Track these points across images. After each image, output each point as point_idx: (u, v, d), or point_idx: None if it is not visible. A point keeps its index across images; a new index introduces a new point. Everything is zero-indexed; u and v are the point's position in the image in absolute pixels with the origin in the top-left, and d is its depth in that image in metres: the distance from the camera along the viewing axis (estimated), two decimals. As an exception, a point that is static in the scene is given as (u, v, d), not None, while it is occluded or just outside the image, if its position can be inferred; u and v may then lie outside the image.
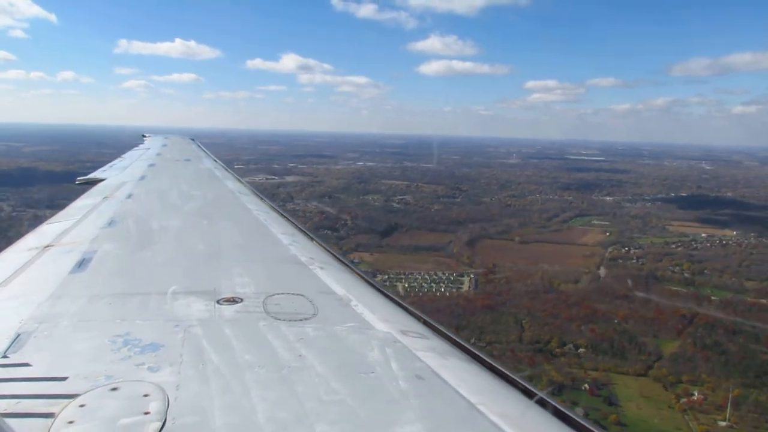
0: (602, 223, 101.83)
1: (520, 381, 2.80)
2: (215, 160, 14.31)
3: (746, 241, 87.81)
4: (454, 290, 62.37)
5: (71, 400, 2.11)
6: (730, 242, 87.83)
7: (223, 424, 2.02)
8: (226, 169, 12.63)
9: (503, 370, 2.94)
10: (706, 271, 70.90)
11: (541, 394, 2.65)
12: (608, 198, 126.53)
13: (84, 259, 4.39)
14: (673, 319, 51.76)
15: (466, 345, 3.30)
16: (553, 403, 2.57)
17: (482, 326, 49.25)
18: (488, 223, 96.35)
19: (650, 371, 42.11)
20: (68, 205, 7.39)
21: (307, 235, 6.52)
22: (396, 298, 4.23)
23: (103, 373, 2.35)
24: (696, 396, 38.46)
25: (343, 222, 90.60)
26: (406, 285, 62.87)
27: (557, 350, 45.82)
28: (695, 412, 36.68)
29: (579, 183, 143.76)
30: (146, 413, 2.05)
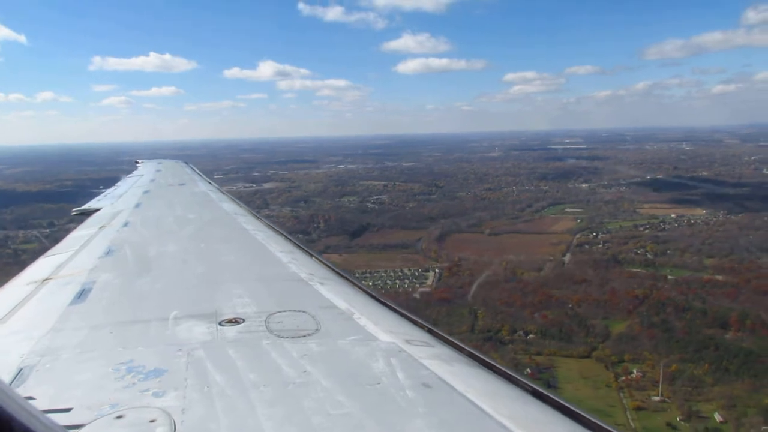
0: (575, 210, 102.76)
1: (527, 382, 2.84)
2: (210, 183, 14.45)
3: (714, 220, 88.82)
4: (417, 285, 63.07)
5: (76, 431, 2.11)
6: (698, 221, 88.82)
7: None
8: (222, 192, 12.76)
9: (509, 372, 2.99)
10: (668, 251, 71.79)
11: (549, 394, 2.70)
12: (584, 185, 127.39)
13: (83, 290, 4.40)
14: (625, 301, 52.63)
15: (471, 350, 3.34)
16: (562, 401, 2.61)
17: (437, 319, 49.84)
18: (460, 217, 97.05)
19: (594, 353, 42.90)
20: (65, 237, 7.46)
21: (306, 251, 6.52)
22: (399, 309, 4.26)
23: (107, 401, 2.36)
24: (635, 374, 39.33)
25: (315, 225, 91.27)
26: (371, 284, 63.53)
27: (507, 338, 46.68)
28: (632, 389, 37.50)
29: (557, 172, 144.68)
30: None
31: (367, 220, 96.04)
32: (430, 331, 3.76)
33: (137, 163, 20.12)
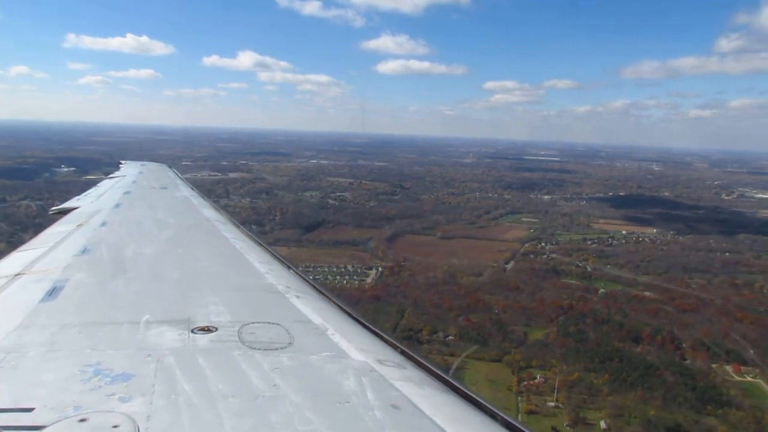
0: (531, 220, 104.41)
1: (497, 412, 2.82)
2: (192, 189, 14.15)
3: (661, 239, 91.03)
4: (355, 282, 63.74)
5: (37, 431, 2.10)
6: (646, 239, 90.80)
7: None
8: (203, 198, 12.56)
9: (480, 400, 2.98)
10: (608, 266, 73.45)
11: (519, 425, 2.70)
12: (546, 197, 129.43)
13: (55, 288, 4.33)
14: (549, 310, 53.84)
15: (442, 375, 3.33)
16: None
17: (363, 315, 50.56)
18: (417, 219, 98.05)
19: (505, 357, 43.87)
20: (41, 233, 7.29)
21: (284, 263, 6.43)
22: (373, 328, 4.22)
23: (71, 404, 2.32)
24: (537, 379, 40.39)
25: (271, 217, 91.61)
26: (311, 277, 63.82)
27: (426, 338, 47.44)
28: (531, 393, 38.49)
29: (523, 182, 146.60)
30: None
31: (324, 216, 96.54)
32: (402, 353, 3.76)
33: (120, 163, 19.59)
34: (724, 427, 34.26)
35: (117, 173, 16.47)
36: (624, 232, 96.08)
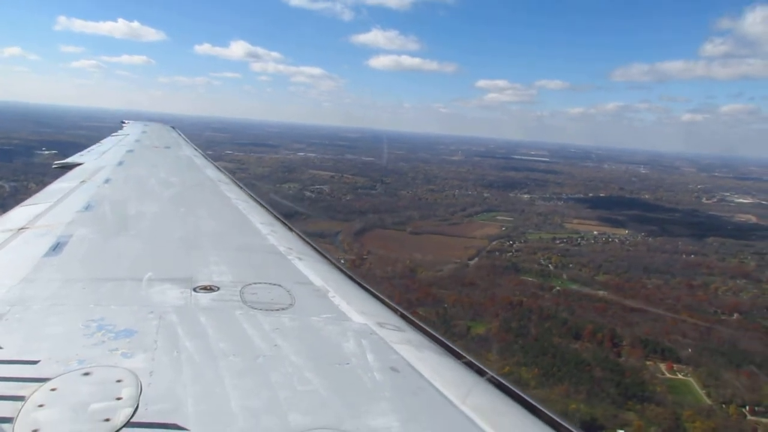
0: (505, 218, 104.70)
1: (494, 375, 2.85)
2: (195, 149, 14.15)
3: (630, 240, 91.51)
4: (313, 274, 64.14)
5: (42, 383, 2.12)
6: (616, 240, 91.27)
7: (195, 411, 2.04)
8: (206, 158, 12.46)
9: (477, 364, 3.00)
10: (570, 264, 73.92)
11: (514, 389, 2.73)
12: (526, 196, 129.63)
13: (59, 243, 4.34)
14: (498, 306, 54.32)
15: (441, 338, 3.34)
16: (527, 397, 2.65)
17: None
18: (390, 214, 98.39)
19: (442, 349, 44.31)
20: (44, 188, 7.30)
21: (286, 225, 6.47)
22: (373, 291, 4.26)
23: (75, 357, 2.35)
24: (468, 371, 40.87)
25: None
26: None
27: (368, 329, 47.86)
28: (458, 385, 39.01)
29: (505, 181, 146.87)
30: (118, 399, 2.07)
31: (297, 207, 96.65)
32: (402, 316, 3.80)
33: (123, 123, 19.71)
34: (640, 422, 34.76)
35: (120, 132, 16.70)
36: (595, 232, 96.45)
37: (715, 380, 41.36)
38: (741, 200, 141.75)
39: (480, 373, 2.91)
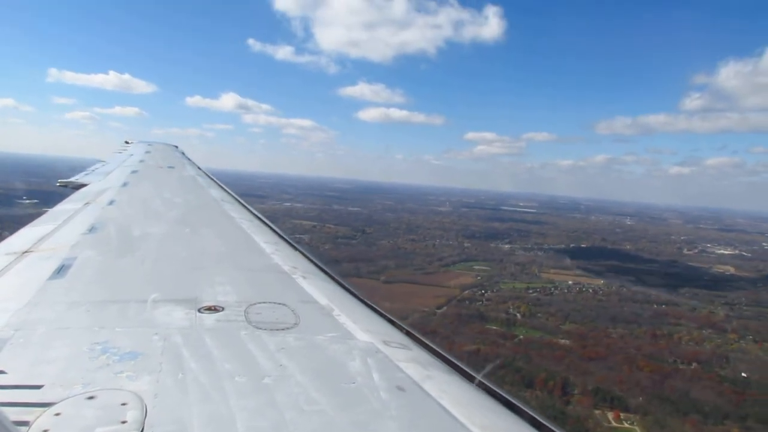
0: (482, 268, 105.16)
1: (502, 393, 2.84)
2: (199, 168, 14.20)
3: (604, 290, 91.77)
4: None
5: (46, 408, 2.12)
6: (590, 290, 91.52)
7: None
8: (210, 177, 12.59)
9: (486, 382, 2.99)
10: (538, 314, 74.07)
11: (524, 408, 2.72)
12: (506, 246, 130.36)
13: (63, 266, 4.34)
14: (456, 354, 53.97)
15: (448, 356, 3.34)
16: (536, 415, 2.64)
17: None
18: (366, 263, 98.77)
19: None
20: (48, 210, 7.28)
21: (291, 244, 6.47)
22: (379, 309, 4.26)
23: (79, 381, 2.35)
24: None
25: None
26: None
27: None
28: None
29: (488, 231, 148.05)
30: (123, 422, 2.06)
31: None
32: (408, 334, 3.80)
33: (127, 143, 19.71)
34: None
35: (124, 152, 16.67)
36: (570, 282, 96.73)
37: (660, 428, 41.21)
38: (722, 251, 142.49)
39: (488, 392, 2.92)
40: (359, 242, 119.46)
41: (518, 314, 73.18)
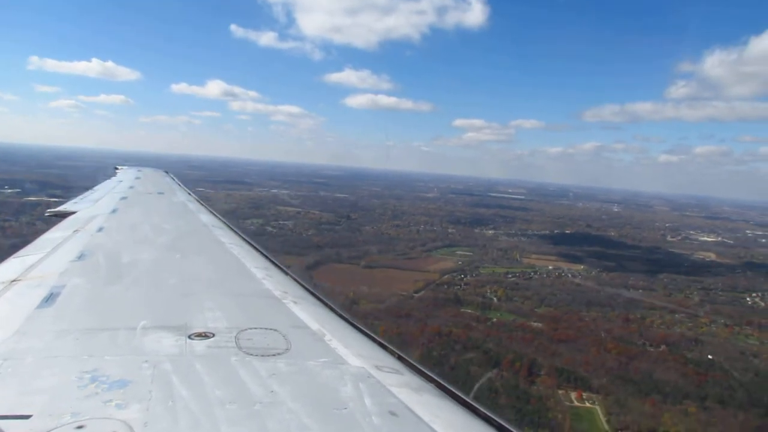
0: (464, 253, 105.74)
1: (494, 418, 2.84)
2: (189, 194, 14.29)
3: (583, 275, 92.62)
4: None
5: None
6: (569, 275, 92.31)
7: None
8: (200, 203, 12.61)
9: (477, 406, 2.99)
10: (515, 297, 74.77)
11: (515, 431, 2.73)
12: (490, 232, 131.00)
13: (52, 294, 4.34)
14: (426, 336, 54.85)
15: (440, 381, 3.33)
16: None
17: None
18: (348, 248, 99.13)
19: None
20: (37, 239, 7.26)
21: (281, 269, 6.50)
22: (371, 333, 4.26)
23: (68, 410, 2.33)
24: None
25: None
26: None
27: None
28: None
29: (473, 217, 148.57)
30: None
31: (256, 242, 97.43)
32: (400, 358, 3.77)
33: (116, 169, 19.91)
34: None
35: (114, 178, 16.59)
36: (550, 267, 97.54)
37: (620, 408, 41.90)
38: (705, 238, 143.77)
39: (480, 415, 2.93)
40: (343, 228, 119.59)
41: (495, 298, 73.84)
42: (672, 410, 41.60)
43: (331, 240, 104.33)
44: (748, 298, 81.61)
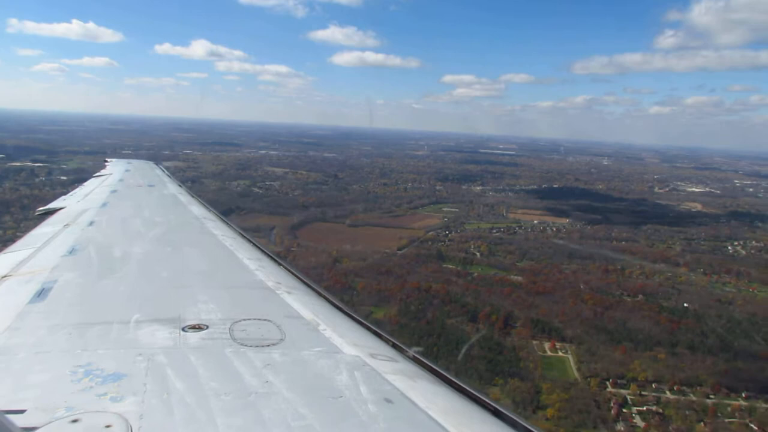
0: (450, 210, 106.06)
1: (489, 402, 2.84)
2: (180, 186, 14.14)
3: (567, 228, 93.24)
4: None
5: None
6: (553, 228, 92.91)
7: None
8: (191, 195, 12.50)
9: (472, 391, 2.99)
10: (497, 253, 75.30)
11: (510, 415, 2.71)
12: (478, 188, 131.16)
13: (43, 289, 4.31)
14: (406, 291, 55.39)
15: (435, 367, 3.33)
16: (525, 423, 2.64)
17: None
18: (334, 207, 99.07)
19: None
20: (27, 234, 7.19)
21: (274, 260, 6.44)
22: (365, 322, 4.25)
23: (63, 404, 2.32)
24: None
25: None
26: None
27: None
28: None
29: (462, 174, 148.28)
30: None
31: (240, 203, 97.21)
32: (394, 346, 3.78)
33: (106, 162, 19.40)
34: (498, 396, 35.98)
35: (103, 171, 16.25)
36: (535, 221, 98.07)
37: (591, 356, 42.82)
38: (693, 189, 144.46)
39: (475, 400, 2.93)
40: (330, 187, 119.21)
41: (477, 253, 74.39)
42: (642, 357, 42.55)
43: (317, 199, 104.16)
44: (729, 247, 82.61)
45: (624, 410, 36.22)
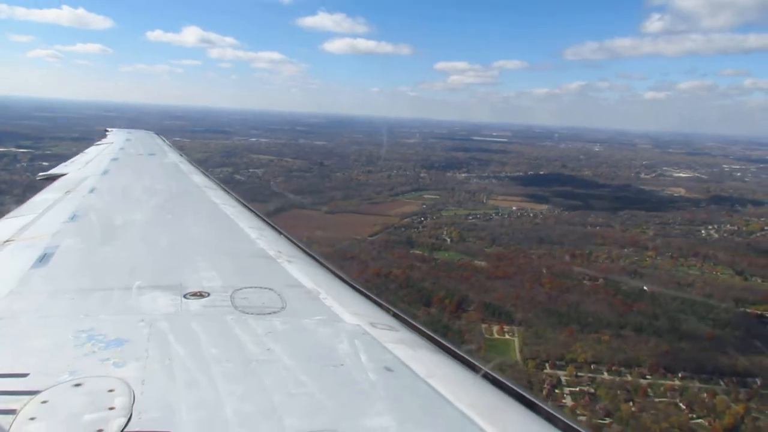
0: (431, 197, 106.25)
1: (489, 372, 2.85)
2: (181, 155, 14.19)
3: (544, 214, 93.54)
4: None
5: (33, 396, 2.10)
6: (530, 214, 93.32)
7: (189, 418, 2.04)
8: (192, 164, 12.48)
9: (473, 361, 3.00)
10: (468, 238, 75.79)
11: (510, 385, 2.73)
12: (463, 175, 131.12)
13: (45, 254, 4.33)
14: (365, 276, 55.71)
15: (435, 336, 3.33)
16: (524, 393, 2.66)
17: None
18: (314, 194, 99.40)
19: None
20: (29, 200, 7.22)
21: (275, 228, 6.50)
22: (366, 291, 4.27)
23: (66, 369, 2.34)
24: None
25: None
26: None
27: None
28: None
29: (448, 161, 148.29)
30: (111, 408, 2.05)
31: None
32: (395, 315, 3.82)
33: (107, 131, 19.52)
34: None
35: (104, 140, 16.38)
36: (514, 207, 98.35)
37: (537, 339, 43.47)
38: (680, 174, 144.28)
39: (475, 369, 2.95)
40: (313, 175, 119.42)
41: (448, 239, 74.93)
42: (585, 339, 43.18)
43: (298, 186, 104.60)
44: (702, 231, 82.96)
45: (556, 391, 36.87)
